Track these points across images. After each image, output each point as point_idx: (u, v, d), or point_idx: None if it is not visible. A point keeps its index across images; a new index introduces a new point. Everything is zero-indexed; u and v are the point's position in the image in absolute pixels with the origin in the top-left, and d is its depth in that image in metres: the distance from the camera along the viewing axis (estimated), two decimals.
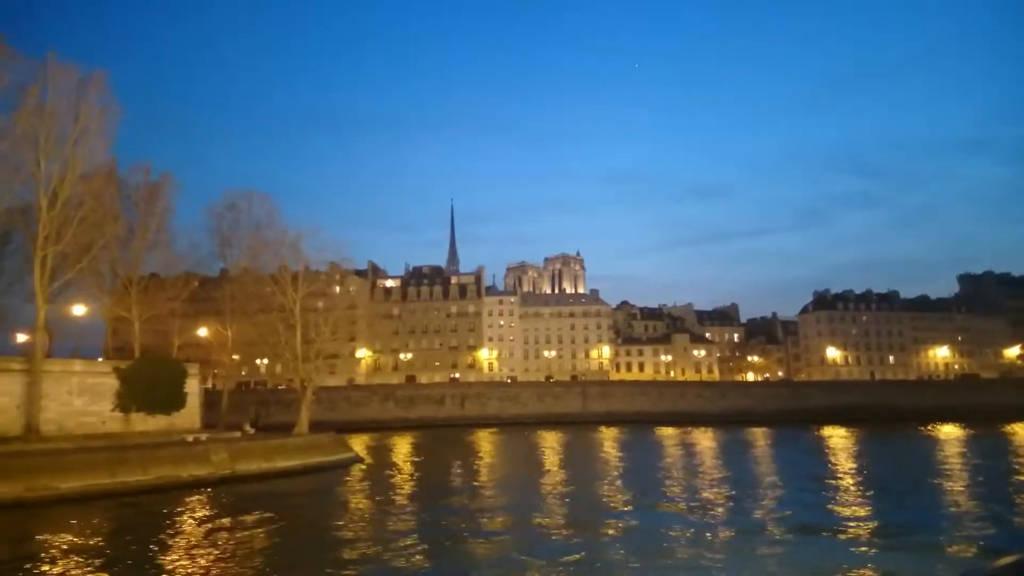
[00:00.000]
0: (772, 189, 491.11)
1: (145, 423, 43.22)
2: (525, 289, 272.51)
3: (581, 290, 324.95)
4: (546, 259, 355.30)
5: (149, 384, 43.02)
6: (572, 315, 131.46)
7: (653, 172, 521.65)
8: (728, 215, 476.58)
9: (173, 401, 44.24)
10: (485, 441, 75.43)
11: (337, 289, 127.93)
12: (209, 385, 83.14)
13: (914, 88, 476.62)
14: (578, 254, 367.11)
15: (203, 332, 56.52)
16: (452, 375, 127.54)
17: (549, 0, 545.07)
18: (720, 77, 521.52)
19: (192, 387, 46.74)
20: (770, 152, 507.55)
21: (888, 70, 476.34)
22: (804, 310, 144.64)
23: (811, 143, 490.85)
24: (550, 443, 70.23)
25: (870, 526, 26.91)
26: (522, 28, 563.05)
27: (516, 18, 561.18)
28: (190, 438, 40.34)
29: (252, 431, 50.25)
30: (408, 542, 25.03)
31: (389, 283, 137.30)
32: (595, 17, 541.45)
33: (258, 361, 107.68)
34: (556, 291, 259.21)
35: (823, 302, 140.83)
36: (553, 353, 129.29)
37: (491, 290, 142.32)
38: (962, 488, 37.85)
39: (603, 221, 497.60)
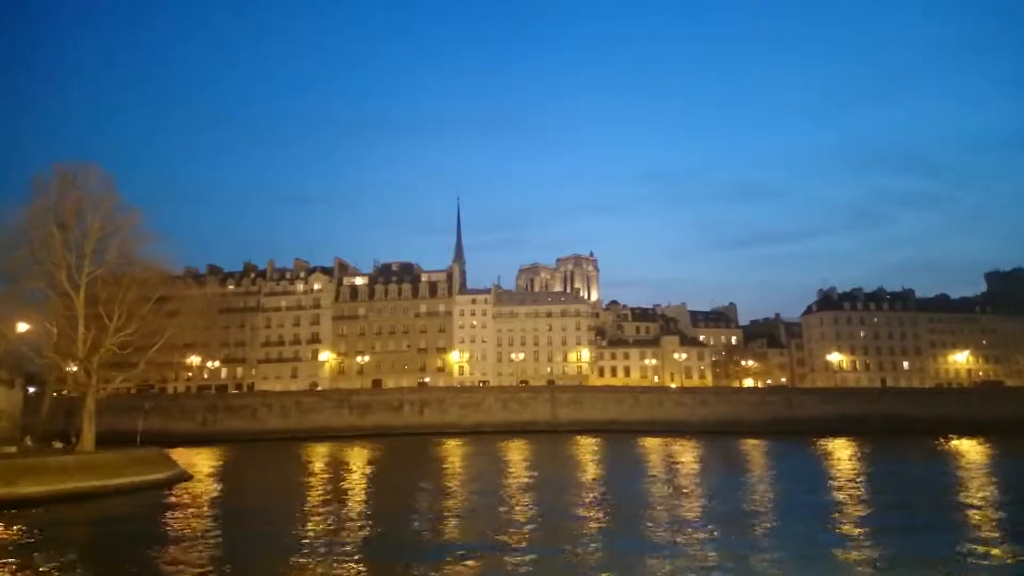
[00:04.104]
0: (821, 188, 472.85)
1: None
2: (537, 291, 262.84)
3: (595, 292, 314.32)
4: (558, 260, 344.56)
5: None
6: (549, 315, 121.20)
7: (694, 172, 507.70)
8: (773, 216, 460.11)
9: None
10: (430, 454, 65.73)
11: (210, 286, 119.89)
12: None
13: (971, 82, 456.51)
14: (591, 254, 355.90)
15: (23, 328, 47.43)
16: (421, 379, 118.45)
17: (586, 3, 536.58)
18: (765, 73, 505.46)
19: None
20: (818, 150, 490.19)
21: (943, 64, 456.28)
22: (808, 310, 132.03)
23: (862, 140, 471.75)
24: (513, 459, 59.74)
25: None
26: (556, 32, 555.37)
27: (551, 22, 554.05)
28: None
29: (58, 445, 41.36)
30: None
31: (358, 281, 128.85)
32: (634, 18, 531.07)
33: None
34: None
35: (828, 302, 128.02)
36: (528, 356, 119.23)
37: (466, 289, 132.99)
38: (973, 515, 31.18)
39: (637, 224, 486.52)
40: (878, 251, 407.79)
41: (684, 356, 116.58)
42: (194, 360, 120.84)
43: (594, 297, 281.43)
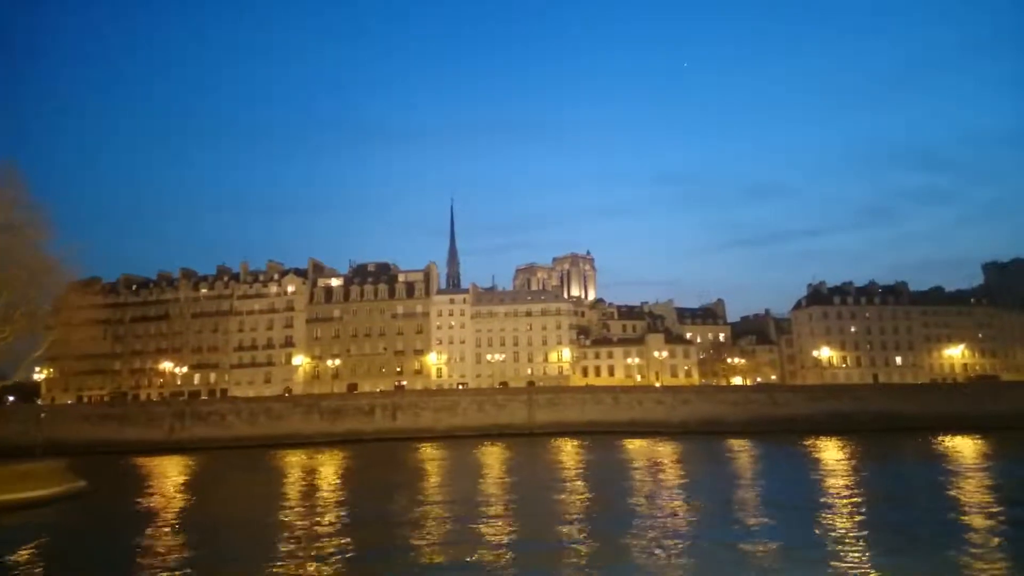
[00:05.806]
0: (833, 187, 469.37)
1: None
2: (531, 290, 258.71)
3: (592, 292, 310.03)
4: (554, 259, 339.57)
5: None
6: (529, 314, 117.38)
7: (702, 173, 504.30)
8: (782, 215, 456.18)
9: None
10: (400, 460, 62.00)
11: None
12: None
13: (983, 79, 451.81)
14: (588, 253, 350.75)
15: None
16: (398, 382, 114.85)
17: (587, 5, 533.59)
18: (775, 73, 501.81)
19: None
20: (831, 149, 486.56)
21: (955, 61, 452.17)
22: (797, 306, 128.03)
23: (875, 138, 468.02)
24: (488, 466, 55.73)
25: None
26: (556, 34, 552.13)
27: (550, 25, 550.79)
28: None
29: None
30: None
31: (334, 282, 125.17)
32: (636, 20, 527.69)
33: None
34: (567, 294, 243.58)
35: (818, 296, 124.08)
36: (508, 356, 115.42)
37: (447, 289, 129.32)
38: (966, 516, 29.28)
39: (644, 225, 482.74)
40: (890, 248, 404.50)
41: (666, 354, 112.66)
42: (166, 366, 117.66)
43: (591, 297, 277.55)
